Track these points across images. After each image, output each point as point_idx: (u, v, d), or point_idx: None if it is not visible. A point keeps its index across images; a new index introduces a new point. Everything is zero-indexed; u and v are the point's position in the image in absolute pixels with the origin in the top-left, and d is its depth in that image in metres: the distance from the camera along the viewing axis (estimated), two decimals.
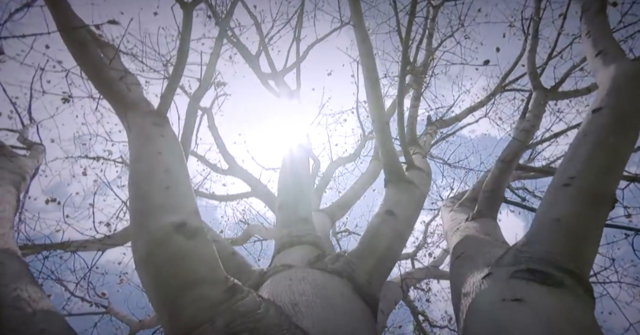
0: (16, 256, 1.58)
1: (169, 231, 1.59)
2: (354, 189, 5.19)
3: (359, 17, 3.90)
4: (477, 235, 2.40)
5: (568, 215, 1.60)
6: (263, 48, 6.49)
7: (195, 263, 1.50)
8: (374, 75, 3.39)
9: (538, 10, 6.27)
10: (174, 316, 1.36)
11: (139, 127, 2.45)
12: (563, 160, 1.87)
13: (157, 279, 1.46)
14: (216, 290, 1.42)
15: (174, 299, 1.39)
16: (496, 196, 3.04)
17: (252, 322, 1.30)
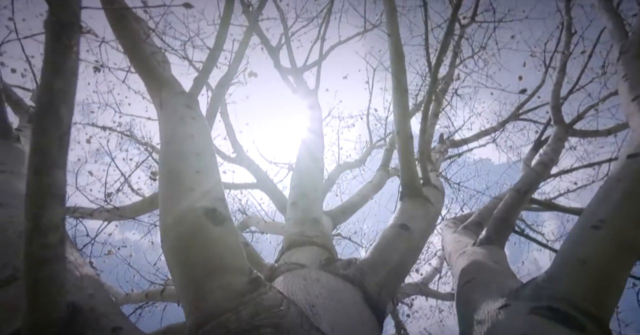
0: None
1: (199, 215, 1.59)
2: (360, 195, 5.19)
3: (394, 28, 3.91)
4: (487, 262, 2.41)
5: (595, 258, 1.60)
6: (286, 42, 6.50)
7: (222, 250, 1.50)
8: (403, 87, 3.40)
9: (568, 45, 6.29)
10: (199, 299, 1.36)
11: (171, 107, 2.44)
12: (593, 202, 1.87)
13: (184, 260, 1.46)
14: (241, 280, 1.42)
15: (200, 282, 1.39)
16: (507, 225, 3.04)
17: (276, 318, 1.30)
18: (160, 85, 2.60)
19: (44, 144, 0.91)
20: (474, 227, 3.91)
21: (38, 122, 0.91)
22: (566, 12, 6.52)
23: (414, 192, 2.81)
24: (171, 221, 1.59)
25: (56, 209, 0.90)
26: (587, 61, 6.50)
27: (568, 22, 6.46)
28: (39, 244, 0.85)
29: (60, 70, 0.93)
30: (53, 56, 0.94)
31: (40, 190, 0.90)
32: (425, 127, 3.46)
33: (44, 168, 0.92)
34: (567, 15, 6.51)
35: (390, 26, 3.88)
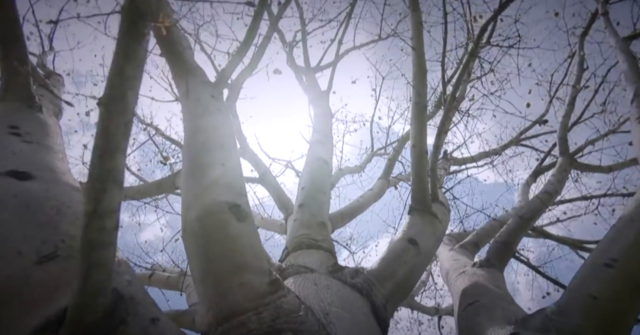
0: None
1: (223, 210, 1.58)
2: (360, 202, 5.20)
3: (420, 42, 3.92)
4: (489, 285, 2.43)
5: (606, 296, 1.63)
6: (302, 40, 6.51)
7: (245, 248, 1.49)
8: (423, 102, 3.42)
9: (579, 80, 6.37)
10: (220, 295, 1.35)
11: (197, 96, 2.43)
12: (605, 240, 1.90)
13: (206, 254, 1.45)
14: (262, 281, 1.42)
15: (221, 278, 1.39)
16: (508, 250, 3.07)
17: (295, 323, 1.30)
18: (187, 72, 2.58)
19: (111, 129, 0.91)
20: (471, 247, 3.95)
21: (107, 107, 0.91)
22: (580, 48, 6.61)
23: (423, 208, 2.82)
24: (195, 214, 1.58)
25: (115, 194, 0.90)
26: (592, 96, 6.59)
27: (581, 58, 6.54)
28: (96, 228, 0.85)
29: (131, 57, 0.93)
30: (127, 42, 0.94)
31: (103, 174, 0.89)
32: (438, 143, 3.49)
33: (108, 152, 0.92)
34: (580, 51, 6.60)
35: (416, 40, 3.89)
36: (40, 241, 1.03)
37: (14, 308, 0.89)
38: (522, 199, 5.82)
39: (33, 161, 1.42)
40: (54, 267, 0.98)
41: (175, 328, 1.03)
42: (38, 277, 0.94)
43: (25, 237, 1.04)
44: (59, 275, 0.95)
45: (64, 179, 1.39)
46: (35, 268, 0.97)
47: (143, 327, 0.87)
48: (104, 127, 0.95)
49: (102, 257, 0.84)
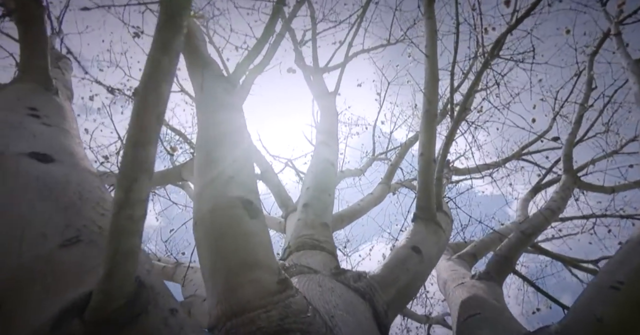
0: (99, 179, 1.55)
1: (236, 205, 1.58)
2: (360, 205, 5.22)
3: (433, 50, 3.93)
4: (489, 299, 2.44)
5: (612, 318, 1.64)
6: (312, 40, 6.52)
7: (256, 245, 1.50)
8: (434, 110, 3.43)
9: (587, 98, 6.39)
10: (229, 290, 1.35)
11: (212, 91, 2.42)
12: (611, 262, 1.91)
13: (217, 249, 1.46)
14: (271, 279, 1.42)
15: (231, 274, 1.39)
16: (508, 264, 3.08)
17: (304, 324, 1.30)
18: (203, 66, 2.59)
19: (145, 120, 0.92)
20: (469, 258, 3.96)
21: (142, 97, 0.92)
22: (589, 67, 6.64)
23: (428, 216, 2.83)
24: (208, 208, 1.59)
25: (145, 184, 0.91)
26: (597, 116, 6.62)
27: (590, 77, 6.58)
28: (125, 216, 0.85)
29: (168, 50, 0.94)
30: (165, 35, 0.94)
31: (135, 164, 0.90)
32: (445, 153, 3.50)
33: (140, 143, 0.92)
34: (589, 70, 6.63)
35: (430, 48, 3.91)
36: (64, 225, 1.03)
37: (39, 290, 0.89)
38: (522, 213, 5.84)
39: (53, 144, 1.42)
40: (77, 252, 0.98)
41: (192, 321, 1.03)
42: (62, 261, 0.95)
43: (49, 220, 1.04)
44: (82, 260, 0.95)
45: (82, 164, 1.38)
46: (59, 251, 0.97)
47: (163, 317, 0.87)
48: (138, 117, 0.95)
49: (129, 245, 0.85)
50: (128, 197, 0.89)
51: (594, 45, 7.00)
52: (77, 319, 0.79)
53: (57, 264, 0.93)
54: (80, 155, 1.46)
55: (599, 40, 6.91)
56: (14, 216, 1.05)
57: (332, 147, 4.10)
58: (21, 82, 2.21)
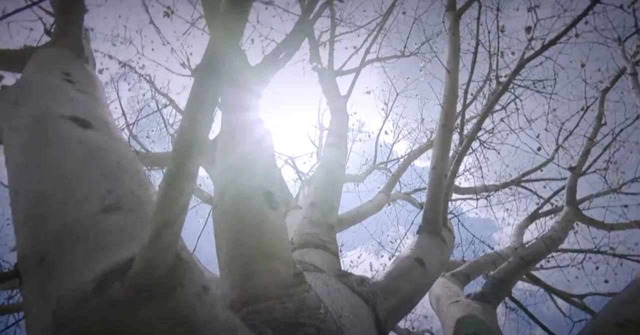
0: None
1: (259, 195, 1.58)
2: (359, 211, 5.23)
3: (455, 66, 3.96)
4: (485, 320, 2.44)
5: None
6: (330, 42, 6.55)
7: (274, 235, 1.50)
8: (450, 125, 3.45)
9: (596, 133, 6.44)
10: (246, 278, 1.36)
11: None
12: (617, 301, 1.92)
13: (238, 236, 1.46)
14: (288, 271, 1.42)
15: (250, 262, 1.39)
16: (504, 288, 3.09)
17: (317, 320, 1.30)
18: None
19: (203, 98, 0.93)
20: (462, 277, 3.97)
21: (201, 77, 0.93)
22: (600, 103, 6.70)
23: (434, 229, 2.83)
24: (231, 193, 1.59)
25: (197, 160, 0.92)
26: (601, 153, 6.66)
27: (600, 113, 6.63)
28: (176, 188, 0.85)
29: (231, 33, 0.95)
30: (229, 19, 0.96)
31: (191, 139, 0.91)
32: (456, 169, 3.51)
33: (197, 120, 0.93)
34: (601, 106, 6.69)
35: (452, 63, 3.93)
36: (105, 190, 1.03)
37: (82, 250, 0.89)
38: (517, 239, 5.85)
39: (89, 111, 1.41)
40: (117, 218, 0.98)
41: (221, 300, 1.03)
42: (103, 225, 0.95)
43: (90, 184, 1.04)
44: (122, 227, 0.95)
45: (117, 133, 1.38)
46: (101, 215, 0.97)
47: (197, 293, 0.87)
48: (197, 95, 0.96)
49: (175, 216, 0.85)
50: (181, 171, 0.89)
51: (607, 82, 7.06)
52: (119, 283, 0.79)
53: (98, 227, 0.93)
54: (114, 125, 1.45)
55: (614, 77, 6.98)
56: (57, 176, 1.05)
57: (342, 150, 4.11)
58: (54, 47, 2.20)
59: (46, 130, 1.20)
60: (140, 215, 1.00)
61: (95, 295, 0.78)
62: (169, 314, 0.81)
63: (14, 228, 1.05)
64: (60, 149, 1.14)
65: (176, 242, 0.87)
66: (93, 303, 0.77)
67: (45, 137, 1.17)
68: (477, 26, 4.75)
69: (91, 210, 0.97)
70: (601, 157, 6.48)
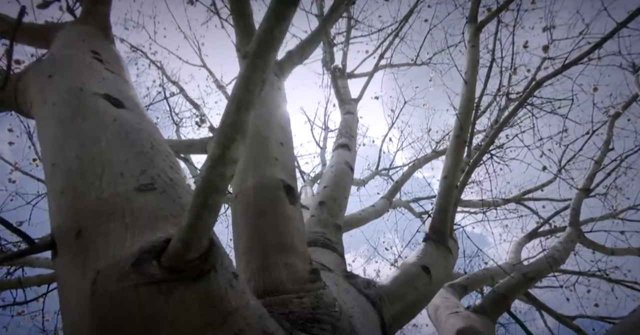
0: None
1: (280, 187, 1.59)
2: (362, 215, 5.22)
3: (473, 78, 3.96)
4: (484, 333, 2.44)
5: None
6: (345, 44, 6.55)
7: (293, 229, 1.50)
8: (464, 136, 3.45)
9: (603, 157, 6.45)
10: (264, 268, 1.35)
11: None
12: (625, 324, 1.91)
13: (257, 224, 1.45)
14: (304, 267, 1.42)
15: (268, 252, 1.38)
16: (504, 303, 3.09)
17: (333, 318, 1.29)
18: None
19: (251, 84, 0.93)
20: (460, 289, 3.96)
21: (252, 62, 0.93)
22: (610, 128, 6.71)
23: (441, 239, 2.83)
24: (251, 183, 1.59)
25: (240, 146, 0.92)
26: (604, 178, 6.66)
27: (609, 137, 6.64)
28: (217, 173, 0.85)
29: (282, 20, 0.95)
30: (282, 5, 0.96)
31: (236, 124, 0.90)
32: (465, 181, 3.50)
33: (245, 105, 0.93)
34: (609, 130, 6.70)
35: (470, 75, 3.94)
36: (139, 170, 1.03)
37: (119, 226, 0.89)
38: (515, 256, 5.85)
39: (120, 91, 1.41)
40: (152, 198, 0.97)
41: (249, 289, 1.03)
42: (138, 204, 0.94)
43: (126, 162, 1.03)
44: (157, 207, 0.95)
45: (147, 115, 1.38)
46: (136, 194, 0.97)
47: (228, 279, 0.87)
48: (245, 80, 0.96)
49: (214, 201, 0.85)
50: (223, 155, 0.89)
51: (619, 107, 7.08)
52: (155, 262, 0.79)
53: (134, 205, 0.93)
54: (143, 107, 1.45)
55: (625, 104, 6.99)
56: (94, 152, 1.04)
57: (352, 151, 4.12)
58: (83, 25, 2.19)
59: (83, 106, 1.19)
60: (173, 198, 1.00)
61: (134, 272, 0.78)
62: (203, 297, 0.81)
63: (49, 200, 1.04)
64: (97, 125, 1.13)
65: (212, 227, 0.87)
66: (131, 279, 0.77)
67: (83, 113, 1.17)
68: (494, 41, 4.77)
69: (127, 188, 0.97)
70: (602, 182, 6.50)
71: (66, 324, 0.84)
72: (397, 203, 8.40)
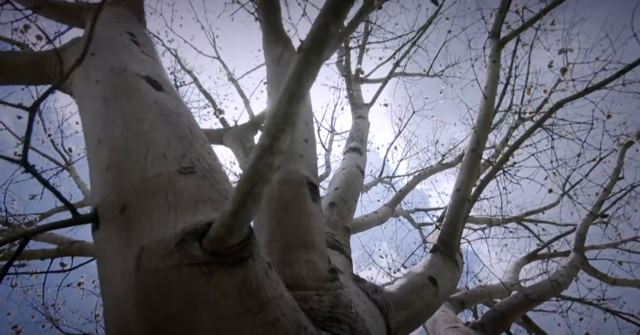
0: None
1: (304, 184, 1.59)
2: (364, 220, 5.22)
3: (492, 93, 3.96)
4: None
5: None
6: (361, 49, 6.57)
7: (315, 227, 1.50)
8: (480, 151, 3.45)
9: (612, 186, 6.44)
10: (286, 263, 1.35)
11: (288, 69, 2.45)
12: None
13: (280, 218, 1.45)
14: (324, 265, 1.41)
15: (290, 247, 1.38)
16: (504, 322, 3.07)
17: (351, 318, 1.29)
18: (284, 42, 2.64)
19: (304, 77, 0.93)
20: (457, 304, 3.95)
21: (306, 56, 0.94)
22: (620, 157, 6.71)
23: (449, 252, 2.81)
24: (277, 177, 1.58)
25: (288, 137, 0.92)
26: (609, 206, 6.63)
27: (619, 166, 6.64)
28: (265, 162, 0.85)
29: (338, 16, 0.96)
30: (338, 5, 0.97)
31: (286, 116, 0.91)
32: (477, 196, 3.50)
33: (296, 97, 0.93)
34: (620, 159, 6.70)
35: (489, 90, 3.94)
36: (180, 153, 1.03)
37: (163, 205, 0.89)
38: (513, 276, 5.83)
39: (158, 74, 1.41)
40: (192, 182, 0.97)
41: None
42: (179, 186, 0.94)
43: (168, 144, 1.04)
44: (196, 190, 0.95)
45: (183, 100, 1.38)
46: (178, 176, 0.97)
47: (264, 268, 0.87)
48: (299, 73, 0.96)
49: (259, 190, 0.85)
50: (272, 146, 0.89)
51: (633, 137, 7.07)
52: (197, 244, 0.79)
53: (176, 187, 0.93)
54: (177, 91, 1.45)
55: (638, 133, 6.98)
56: (138, 131, 1.04)
57: (363, 156, 4.13)
58: (116, 7, 2.20)
59: (127, 86, 1.20)
60: (211, 183, 1.00)
61: (177, 251, 0.78)
62: (241, 283, 0.81)
63: (92, 173, 1.04)
64: (140, 106, 1.14)
65: (253, 216, 0.86)
66: (175, 258, 0.77)
67: (127, 92, 1.17)
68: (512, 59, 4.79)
69: (169, 169, 0.97)
70: (607, 209, 6.48)
71: (109, 296, 0.85)
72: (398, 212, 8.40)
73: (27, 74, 1.54)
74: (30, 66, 1.52)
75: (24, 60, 1.52)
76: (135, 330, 0.77)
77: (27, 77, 1.56)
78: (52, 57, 1.53)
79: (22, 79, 1.58)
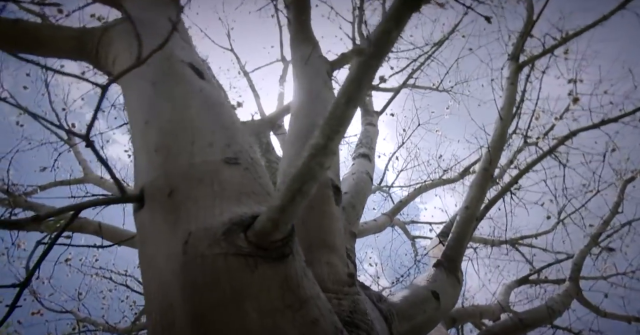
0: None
1: (329, 186, 1.59)
2: (363, 227, 5.22)
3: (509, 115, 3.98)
4: None
5: None
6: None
7: (336, 229, 1.50)
8: (492, 170, 3.46)
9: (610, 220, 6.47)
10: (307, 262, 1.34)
11: (317, 68, 2.47)
12: None
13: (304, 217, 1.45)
14: (343, 268, 1.41)
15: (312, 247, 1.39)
16: None
17: (367, 325, 1.28)
18: (313, 43, 2.66)
19: (363, 81, 0.94)
20: (449, 320, 3.94)
21: (366, 61, 0.95)
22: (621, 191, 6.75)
23: (452, 268, 2.81)
24: None
25: (341, 138, 0.92)
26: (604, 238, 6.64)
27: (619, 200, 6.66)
28: (317, 162, 0.85)
29: (401, 23, 0.97)
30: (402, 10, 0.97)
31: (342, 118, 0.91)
32: (484, 215, 3.50)
33: (353, 100, 0.94)
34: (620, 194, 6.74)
35: (506, 111, 3.96)
36: (224, 143, 1.03)
37: (209, 193, 0.90)
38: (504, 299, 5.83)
39: (198, 62, 1.40)
40: (236, 173, 0.97)
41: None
42: (224, 176, 0.94)
43: (213, 133, 1.03)
44: (240, 182, 0.95)
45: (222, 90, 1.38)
46: (223, 166, 0.97)
47: (303, 267, 0.87)
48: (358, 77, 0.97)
49: (308, 188, 0.85)
50: (326, 146, 0.89)
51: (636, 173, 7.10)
52: (243, 235, 0.79)
53: (222, 176, 0.94)
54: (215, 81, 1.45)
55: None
56: (185, 117, 1.04)
57: (372, 162, 4.14)
58: None
59: (174, 72, 1.20)
60: (254, 176, 0.99)
61: (224, 240, 0.78)
62: (283, 279, 0.81)
63: (138, 154, 1.04)
64: (187, 92, 1.14)
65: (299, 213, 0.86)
66: (222, 247, 0.78)
67: (174, 78, 1.17)
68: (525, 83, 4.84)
69: (215, 158, 0.97)
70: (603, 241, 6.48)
71: (150, 274, 0.85)
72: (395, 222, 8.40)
73: (68, 48, 1.54)
74: (72, 40, 1.51)
75: (67, 35, 1.52)
76: (180, 311, 0.77)
77: (67, 51, 1.56)
78: (96, 34, 1.52)
79: (61, 52, 1.58)
